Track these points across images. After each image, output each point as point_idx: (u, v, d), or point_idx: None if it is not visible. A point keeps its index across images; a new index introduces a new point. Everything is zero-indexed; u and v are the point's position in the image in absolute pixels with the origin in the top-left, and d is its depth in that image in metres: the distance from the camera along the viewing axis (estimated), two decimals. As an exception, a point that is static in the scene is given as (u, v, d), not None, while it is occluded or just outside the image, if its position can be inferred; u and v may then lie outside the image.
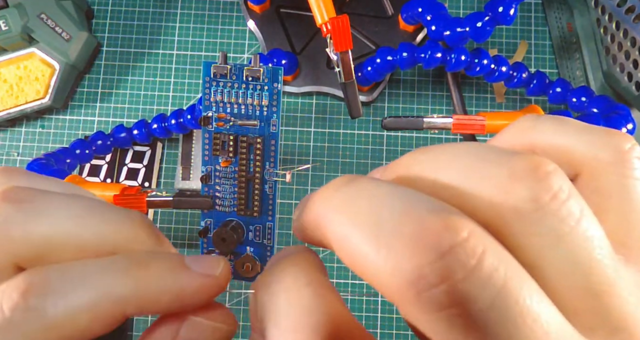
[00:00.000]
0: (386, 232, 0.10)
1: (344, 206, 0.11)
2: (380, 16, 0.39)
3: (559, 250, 0.10)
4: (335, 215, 0.11)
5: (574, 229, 0.10)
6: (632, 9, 0.31)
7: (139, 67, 0.40)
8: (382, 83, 0.39)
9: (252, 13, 0.39)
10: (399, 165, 0.13)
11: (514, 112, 0.32)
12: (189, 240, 0.38)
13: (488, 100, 0.40)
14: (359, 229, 0.11)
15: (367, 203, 0.11)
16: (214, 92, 0.25)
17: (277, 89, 0.24)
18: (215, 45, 0.40)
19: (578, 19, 0.37)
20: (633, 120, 0.31)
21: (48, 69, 0.37)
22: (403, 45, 0.34)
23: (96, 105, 0.40)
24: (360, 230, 0.10)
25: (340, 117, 0.39)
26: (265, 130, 0.25)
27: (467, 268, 0.09)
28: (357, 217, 0.11)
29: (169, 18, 0.40)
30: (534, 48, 0.40)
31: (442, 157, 0.12)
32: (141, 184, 0.38)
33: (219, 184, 0.26)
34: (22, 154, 0.39)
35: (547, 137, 0.13)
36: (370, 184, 0.11)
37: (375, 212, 0.11)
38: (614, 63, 0.34)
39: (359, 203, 0.11)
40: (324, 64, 0.38)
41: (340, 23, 0.29)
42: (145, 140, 0.37)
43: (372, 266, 0.10)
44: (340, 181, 0.12)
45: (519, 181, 0.10)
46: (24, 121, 0.39)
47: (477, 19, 0.31)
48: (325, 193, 0.12)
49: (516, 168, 0.11)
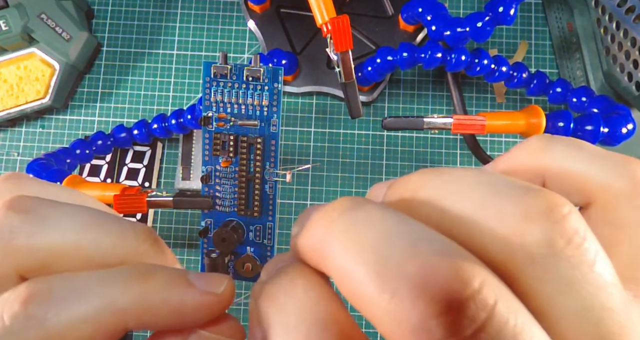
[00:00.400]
0: (391, 273, 0.09)
1: (348, 236, 0.10)
2: (380, 16, 0.39)
3: (571, 297, 0.10)
4: (338, 246, 0.11)
5: (586, 275, 0.10)
6: (632, 9, 0.31)
7: (139, 67, 0.40)
8: (382, 83, 0.39)
9: (252, 13, 0.39)
10: (405, 186, 0.12)
11: (514, 112, 0.32)
12: (189, 240, 0.38)
13: (488, 100, 0.40)
14: (363, 266, 0.10)
15: (373, 236, 0.10)
16: (214, 92, 0.25)
17: (278, 89, 0.24)
18: (215, 45, 0.40)
19: (578, 19, 0.37)
20: (633, 120, 0.31)
21: (48, 69, 0.37)
22: (403, 45, 0.34)
23: (96, 105, 0.40)
24: (364, 266, 0.10)
25: (341, 117, 0.39)
26: (266, 130, 0.25)
27: (476, 324, 0.09)
28: (362, 251, 0.10)
29: (169, 18, 0.40)
30: (534, 48, 0.40)
31: (453, 185, 0.11)
32: (141, 184, 0.38)
33: (219, 184, 0.26)
34: (22, 154, 0.39)
35: (560, 161, 0.12)
36: (377, 213, 0.11)
37: (381, 248, 0.10)
38: (614, 63, 0.34)
39: (365, 235, 0.10)
40: (324, 64, 0.38)
41: (341, 23, 0.29)
42: (146, 140, 0.37)
43: (372, 307, 0.10)
44: (345, 205, 0.11)
45: (533, 222, 0.10)
46: (24, 121, 0.39)
47: (477, 19, 0.31)
48: (329, 216, 0.11)
49: (531, 206, 0.10)
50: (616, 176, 0.12)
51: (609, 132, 0.31)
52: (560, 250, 0.10)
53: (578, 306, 0.10)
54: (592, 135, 0.31)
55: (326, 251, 0.11)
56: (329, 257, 0.11)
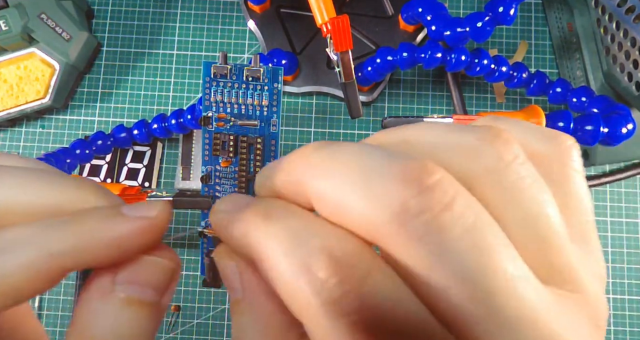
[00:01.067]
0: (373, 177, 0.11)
1: (329, 161, 0.12)
2: (380, 16, 0.39)
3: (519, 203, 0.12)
4: (319, 171, 0.12)
5: (531, 186, 0.12)
6: (632, 9, 0.31)
7: (139, 67, 0.40)
8: (382, 83, 0.39)
9: (252, 13, 0.39)
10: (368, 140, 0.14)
11: (514, 112, 0.32)
12: (189, 240, 0.38)
13: (488, 100, 0.40)
14: (345, 179, 0.12)
15: (350, 156, 0.12)
16: (214, 92, 0.25)
17: (277, 89, 0.24)
18: (215, 45, 0.40)
19: (578, 19, 0.37)
20: (633, 120, 0.31)
21: (48, 69, 0.37)
22: (403, 45, 0.34)
23: (96, 105, 0.40)
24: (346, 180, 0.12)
25: (340, 117, 0.39)
26: (266, 130, 0.25)
27: (443, 203, 0.11)
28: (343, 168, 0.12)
29: (169, 18, 0.40)
30: (534, 48, 0.40)
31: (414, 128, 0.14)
32: (141, 184, 0.38)
33: (219, 184, 0.26)
34: (22, 154, 0.39)
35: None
36: (348, 143, 0.13)
37: (362, 163, 0.12)
38: (614, 63, 0.34)
39: (343, 157, 0.12)
40: (324, 64, 0.38)
41: (341, 23, 0.29)
42: (146, 140, 0.37)
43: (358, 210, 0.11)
44: (317, 143, 0.13)
45: (487, 144, 0.12)
46: (24, 121, 0.39)
47: (477, 19, 0.31)
48: (303, 153, 0.13)
49: (484, 135, 0.13)
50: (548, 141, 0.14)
51: (609, 132, 0.31)
52: (509, 162, 0.12)
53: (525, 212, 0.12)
54: (592, 135, 0.31)
55: (307, 178, 0.12)
56: (310, 182, 0.12)
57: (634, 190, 0.39)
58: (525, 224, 0.12)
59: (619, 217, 0.39)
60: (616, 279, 0.38)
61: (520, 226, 0.12)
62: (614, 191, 0.39)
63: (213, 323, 0.37)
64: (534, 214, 0.12)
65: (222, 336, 0.37)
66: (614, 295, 0.38)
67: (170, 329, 0.37)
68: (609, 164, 0.39)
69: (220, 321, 0.37)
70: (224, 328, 0.37)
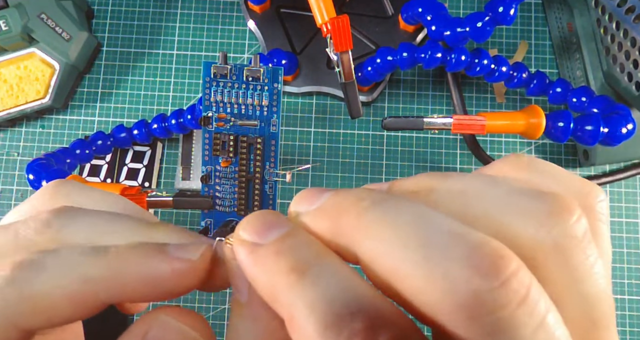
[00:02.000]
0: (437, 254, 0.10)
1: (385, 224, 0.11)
2: (380, 16, 0.39)
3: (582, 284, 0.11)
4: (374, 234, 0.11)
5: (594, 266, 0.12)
6: (632, 9, 0.31)
7: (139, 67, 0.40)
8: (382, 83, 0.39)
9: (252, 13, 0.39)
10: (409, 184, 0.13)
11: (514, 112, 0.32)
12: (189, 240, 0.38)
13: (488, 100, 0.40)
14: (403, 247, 0.11)
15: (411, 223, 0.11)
16: (214, 92, 0.25)
17: (277, 89, 0.24)
18: (215, 45, 0.40)
19: (578, 19, 0.37)
20: (633, 120, 0.31)
21: (48, 69, 0.37)
22: (403, 45, 0.34)
23: (96, 105, 0.40)
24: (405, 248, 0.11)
25: (340, 117, 0.39)
26: (266, 130, 0.25)
27: (519, 298, 0.10)
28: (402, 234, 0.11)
29: (169, 18, 0.40)
30: (534, 48, 0.40)
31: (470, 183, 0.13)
32: (141, 184, 0.38)
33: (219, 184, 0.26)
34: (22, 154, 0.39)
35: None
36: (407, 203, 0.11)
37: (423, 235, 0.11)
38: (614, 63, 0.34)
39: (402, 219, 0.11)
40: (324, 64, 0.38)
41: (341, 23, 0.29)
42: (146, 140, 0.37)
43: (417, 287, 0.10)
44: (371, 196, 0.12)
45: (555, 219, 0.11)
46: (24, 121, 0.39)
47: (477, 19, 0.31)
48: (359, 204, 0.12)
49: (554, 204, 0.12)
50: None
51: (609, 132, 0.31)
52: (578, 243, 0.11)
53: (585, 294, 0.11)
54: (592, 135, 0.31)
55: (358, 240, 0.11)
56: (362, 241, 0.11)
57: (634, 190, 0.39)
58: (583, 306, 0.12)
59: (619, 217, 0.39)
60: (616, 279, 0.38)
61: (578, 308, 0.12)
62: (614, 191, 0.39)
63: (213, 323, 0.37)
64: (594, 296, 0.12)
65: (222, 336, 0.37)
66: (614, 295, 0.38)
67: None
68: (609, 164, 0.39)
69: (220, 321, 0.37)
70: (224, 328, 0.37)
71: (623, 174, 0.38)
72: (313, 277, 0.11)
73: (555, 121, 0.31)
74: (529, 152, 0.39)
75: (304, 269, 0.11)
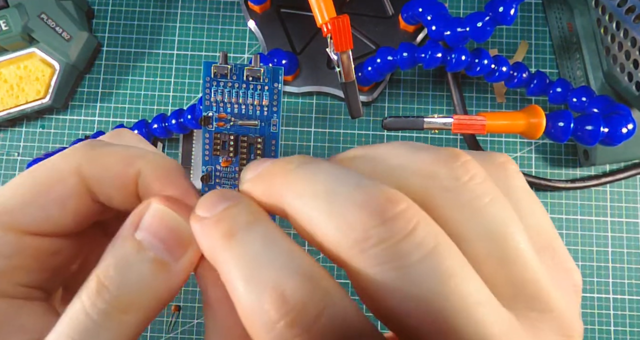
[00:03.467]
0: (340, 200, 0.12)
1: (306, 181, 0.13)
2: (380, 16, 0.39)
3: (477, 220, 0.13)
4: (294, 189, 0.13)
5: (489, 204, 0.13)
6: (633, 9, 0.31)
7: (139, 67, 0.40)
8: (383, 83, 0.39)
9: (253, 13, 0.39)
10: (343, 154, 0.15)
11: (514, 112, 0.32)
12: (189, 240, 0.38)
13: (488, 100, 0.40)
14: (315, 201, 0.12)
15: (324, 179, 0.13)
16: (214, 92, 0.25)
17: (278, 89, 0.24)
18: (215, 45, 0.40)
19: (578, 19, 0.37)
20: (633, 120, 0.31)
21: (48, 69, 0.37)
22: (403, 45, 0.34)
23: (96, 105, 0.40)
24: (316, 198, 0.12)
25: (341, 117, 0.39)
26: (266, 130, 0.25)
27: (404, 232, 0.11)
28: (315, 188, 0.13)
29: (169, 18, 0.40)
30: (534, 48, 0.40)
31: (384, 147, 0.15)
32: (141, 184, 0.38)
33: (219, 184, 0.26)
34: (22, 154, 0.39)
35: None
36: (326, 164, 0.13)
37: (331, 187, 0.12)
38: (615, 63, 0.34)
39: (317, 178, 0.13)
40: (324, 64, 0.38)
41: (341, 23, 0.29)
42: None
43: (324, 231, 0.12)
44: (298, 160, 0.14)
45: (443, 163, 0.13)
46: (24, 121, 0.39)
47: (478, 19, 0.31)
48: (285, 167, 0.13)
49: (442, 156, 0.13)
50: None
51: (609, 132, 0.31)
52: (465, 182, 0.13)
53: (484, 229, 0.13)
54: (592, 135, 0.31)
55: (284, 194, 0.13)
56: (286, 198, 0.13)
57: (634, 190, 0.39)
58: (486, 241, 0.13)
59: (619, 217, 0.39)
60: (616, 279, 0.38)
61: (481, 244, 0.13)
62: (614, 191, 0.39)
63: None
64: (493, 230, 0.13)
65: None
66: (614, 295, 0.38)
67: (170, 329, 0.37)
68: (609, 164, 0.39)
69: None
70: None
71: (623, 174, 0.38)
72: (239, 238, 0.13)
73: (556, 121, 0.31)
74: (529, 151, 0.39)
75: (234, 232, 0.13)
